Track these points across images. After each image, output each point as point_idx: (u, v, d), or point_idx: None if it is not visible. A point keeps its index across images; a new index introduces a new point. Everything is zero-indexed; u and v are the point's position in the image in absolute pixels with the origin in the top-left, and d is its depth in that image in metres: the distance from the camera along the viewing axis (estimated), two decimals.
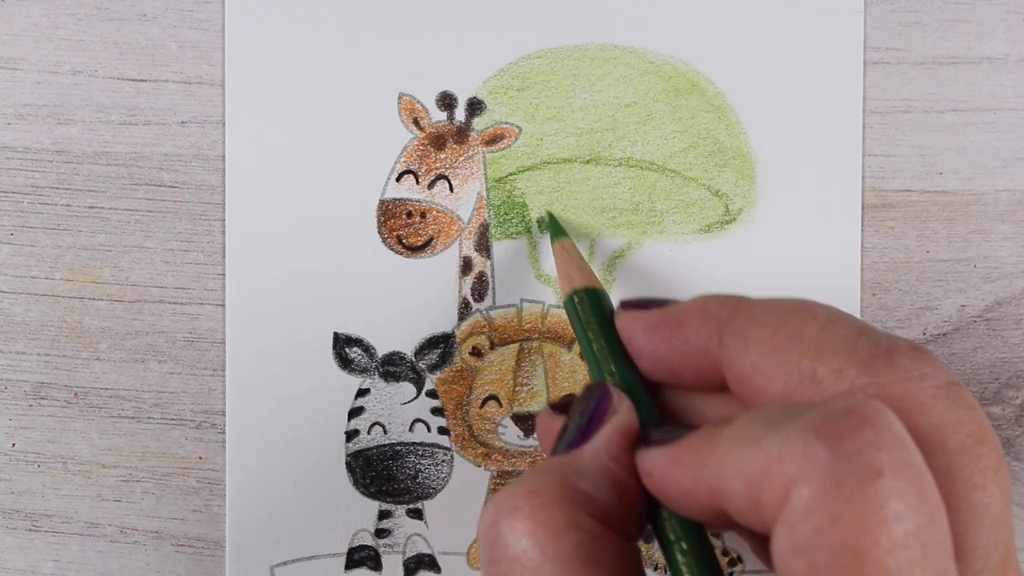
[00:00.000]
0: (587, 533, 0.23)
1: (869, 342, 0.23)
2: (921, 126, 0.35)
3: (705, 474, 0.22)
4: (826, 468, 0.20)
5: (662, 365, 0.27)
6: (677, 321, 0.27)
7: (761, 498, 0.21)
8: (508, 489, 0.24)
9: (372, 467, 0.35)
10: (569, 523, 0.23)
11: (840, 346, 0.23)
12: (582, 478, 0.24)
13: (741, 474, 0.21)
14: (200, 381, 0.35)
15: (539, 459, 0.35)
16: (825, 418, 0.21)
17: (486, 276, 0.35)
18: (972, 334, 0.35)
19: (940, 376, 0.23)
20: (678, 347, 0.27)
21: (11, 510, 0.35)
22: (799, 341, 0.24)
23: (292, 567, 0.34)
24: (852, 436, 0.20)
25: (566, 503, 0.23)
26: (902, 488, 0.20)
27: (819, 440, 0.20)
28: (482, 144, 0.35)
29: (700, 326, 0.26)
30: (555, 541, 0.23)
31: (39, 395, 0.35)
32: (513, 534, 0.23)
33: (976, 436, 0.22)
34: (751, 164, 0.35)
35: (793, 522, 0.20)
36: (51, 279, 0.35)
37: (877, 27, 0.35)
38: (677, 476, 0.23)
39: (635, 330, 0.28)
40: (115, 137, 0.35)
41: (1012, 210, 0.35)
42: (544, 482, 0.24)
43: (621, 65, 0.35)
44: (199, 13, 0.34)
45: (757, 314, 0.25)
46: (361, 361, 0.35)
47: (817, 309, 0.25)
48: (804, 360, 0.23)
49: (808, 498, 0.20)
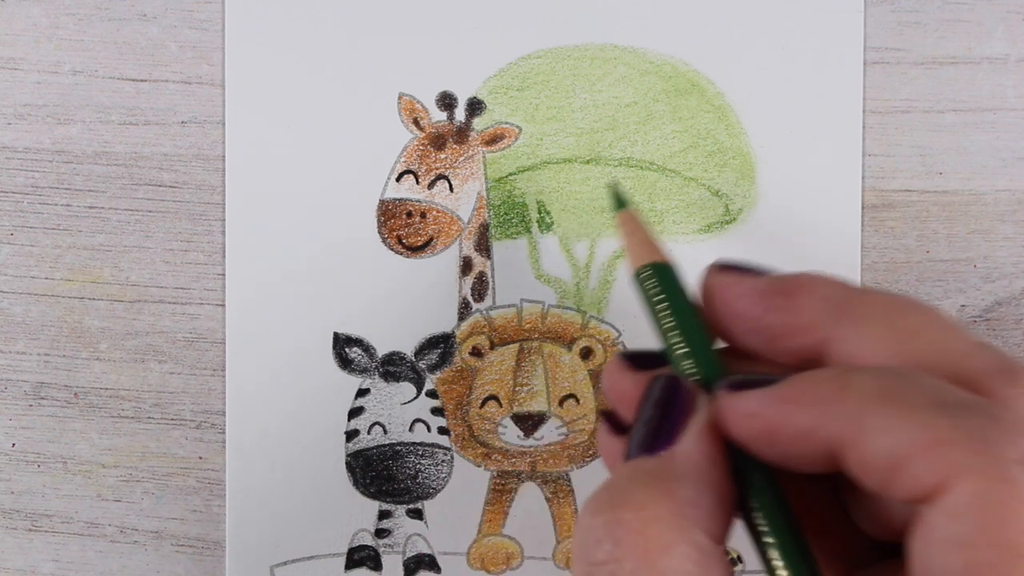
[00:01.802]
0: (696, 547, 0.22)
1: (990, 352, 0.23)
2: (921, 126, 0.35)
3: (830, 419, 0.22)
4: (1006, 467, 0.20)
5: (761, 335, 0.26)
6: (790, 290, 0.26)
7: (908, 469, 0.21)
8: (609, 499, 0.23)
9: (372, 467, 0.35)
10: (680, 538, 0.22)
11: (959, 350, 0.23)
12: (685, 486, 0.23)
13: (887, 436, 0.21)
14: (200, 381, 0.35)
15: (539, 459, 0.35)
16: (1008, 416, 0.21)
17: (486, 276, 0.35)
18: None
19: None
20: (786, 318, 0.25)
21: (11, 510, 0.35)
22: (917, 337, 0.23)
23: (292, 567, 0.34)
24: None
25: (676, 517, 0.22)
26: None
27: (1006, 437, 0.20)
28: (482, 144, 0.35)
29: (815, 300, 0.25)
30: (666, 557, 0.22)
31: (39, 395, 0.35)
32: (621, 550, 0.22)
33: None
34: (751, 164, 0.35)
35: (956, 512, 0.20)
36: (51, 279, 0.35)
37: (877, 27, 0.35)
38: (791, 417, 0.22)
39: (739, 293, 0.26)
40: (115, 137, 0.35)
41: (1012, 210, 0.35)
42: (651, 494, 0.23)
43: (621, 65, 0.35)
44: (199, 13, 0.34)
45: (876, 301, 0.24)
46: (361, 361, 0.35)
47: (936, 312, 0.25)
48: (923, 357, 0.23)
49: (980, 492, 0.20)
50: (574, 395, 0.35)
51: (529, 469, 0.35)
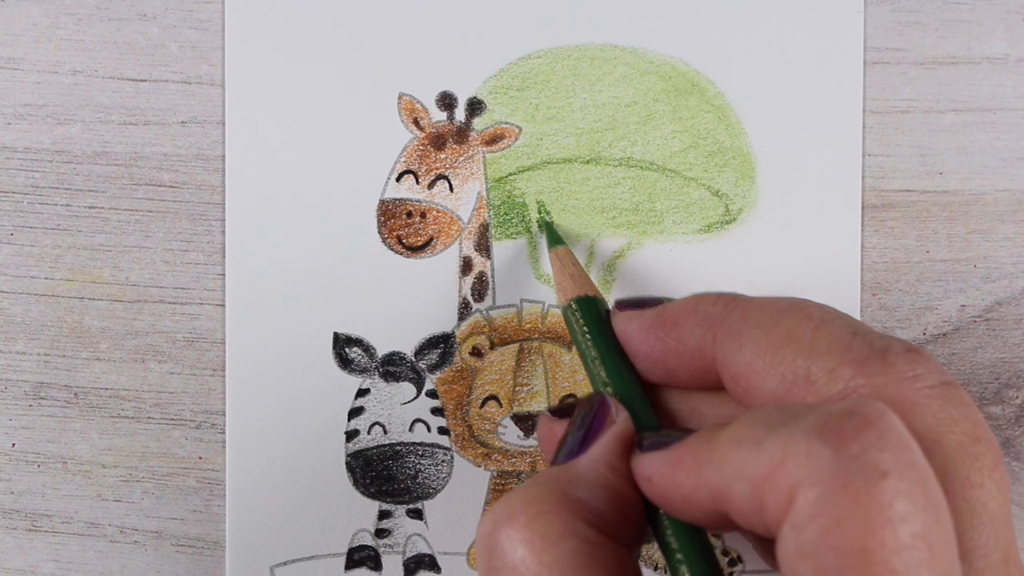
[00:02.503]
0: (584, 541, 0.23)
1: (863, 342, 0.23)
2: (921, 126, 0.35)
3: (705, 477, 0.22)
4: (831, 470, 0.20)
5: (658, 365, 0.27)
6: (671, 320, 0.27)
7: (764, 500, 0.21)
8: (505, 498, 0.24)
9: (372, 467, 0.35)
10: (566, 531, 0.23)
11: (834, 346, 0.23)
12: (580, 487, 0.24)
13: (742, 476, 0.21)
14: (200, 381, 0.35)
15: (539, 459, 0.35)
16: (828, 419, 0.21)
17: (486, 276, 0.35)
18: (972, 334, 0.35)
19: (935, 376, 0.23)
20: (673, 347, 0.27)
21: (11, 510, 0.35)
22: (793, 341, 0.24)
23: (292, 567, 0.34)
24: (856, 437, 0.20)
25: (563, 511, 0.23)
26: (907, 488, 0.20)
27: (823, 441, 0.20)
28: (482, 144, 0.35)
29: (694, 325, 0.26)
30: (552, 549, 0.22)
31: (39, 395, 0.35)
32: (510, 543, 0.23)
33: (972, 435, 0.22)
34: (751, 164, 0.35)
35: (799, 524, 0.20)
36: (51, 279, 0.35)
37: (877, 27, 0.35)
38: (676, 480, 0.23)
39: (631, 331, 0.28)
40: (115, 137, 0.35)
41: (1012, 210, 0.35)
42: (541, 491, 0.24)
43: (621, 65, 0.35)
44: (199, 13, 0.34)
45: (751, 313, 0.25)
46: (361, 361, 0.35)
47: (811, 308, 0.25)
48: (798, 360, 0.23)
49: (814, 500, 0.20)
50: (574, 395, 0.35)
51: (529, 469, 0.35)
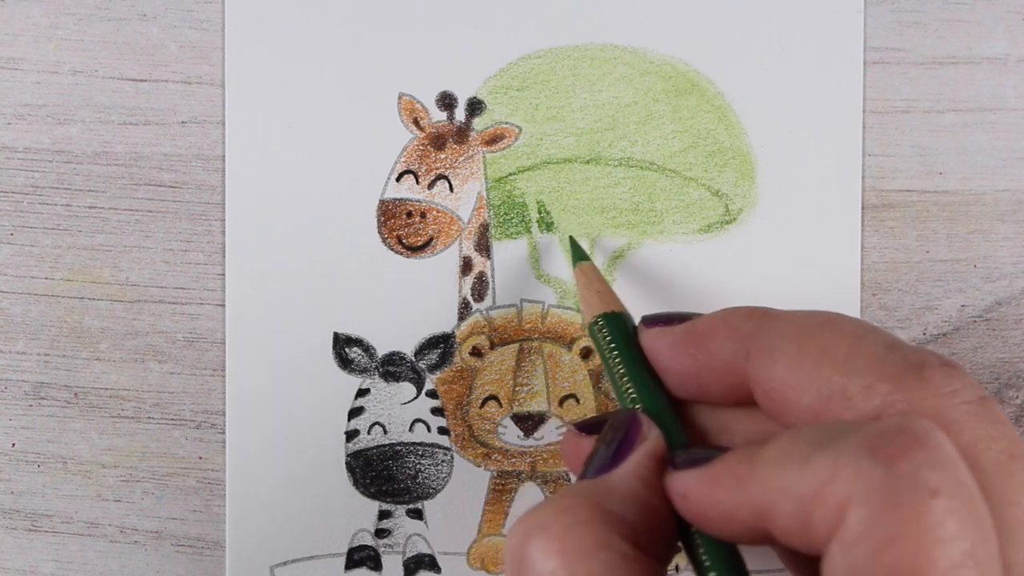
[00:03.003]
0: (618, 554, 0.22)
1: (899, 357, 0.23)
2: (921, 126, 0.35)
3: (747, 495, 0.22)
4: (882, 488, 0.20)
5: (689, 381, 0.27)
6: (701, 336, 0.26)
7: (812, 518, 0.21)
8: (538, 508, 0.23)
9: (372, 467, 0.35)
10: (601, 543, 0.22)
11: (870, 361, 0.23)
12: (614, 500, 0.24)
13: (789, 495, 0.21)
14: (200, 381, 0.35)
15: (539, 459, 0.35)
16: (878, 437, 0.21)
17: (486, 276, 0.35)
18: (972, 334, 0.35)
19: (971, 392, 0.23)
20: (704, 362, 0.26)
21: (11, 510, 0.35)
22: (828, 356, 0.24)
23: (292, 567, 0.34)
24: (907, 455, 0.20)
25: (597, 523, 0.23)
26: (957, 507, 0.20)
27: (874, 459, 0.20)
28: (482, 144, 0.35)
29: (725, 340, 0.26)
30: (586, 561, 0.22)
31: (39, 395, 0.35)
32: (542, 553, 0.22)
33: (1009, 452, 0.22)
34: (751, 164, 0.35)
35: (849, 543, 0.20)
36: (51, 279, 0.35)
37: (877, 27, 0.35)
38: (716, 498, 0.23)
39: (660, 347, 0.27)
40: (115, 137, 0.35)
41: (1012, 210, 0.35)
42: (575, 502, 0.23)
43: (621, 65, 0.35)
44: (199, 13, 0.34)
45: (784, 328, 0.25)
46: (361, 361, 0.35)
47: (845, 323, 0.24)
48: (834, 376, 0.23)
49: (865, 519, 0.20)
50: (574, 395, 0.35)
51: (529, 469, 0.35)
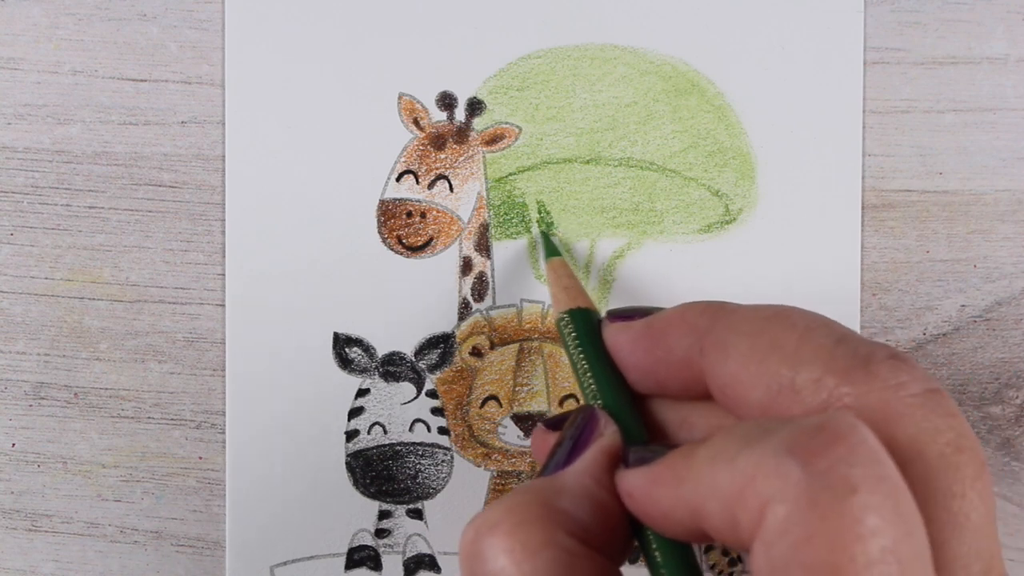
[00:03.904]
0: (565, 551, 0.23)
1: (847, 350, 0.23)
2: (921, 126, 0.35)
3: (682, 494, 0.22)
4: (800, 486, 0.20)
5: (648, 376, 0.27)
6: (659, 331, 0.27)
7: (737, 517, 0.21)
8: (488, 507, 0.24)
9: (372, 467, 0.35)
10: (547, 541, 0.23)
11: (818, 355, 0.23)
12: (564, 498, 0.24)
13: (716, 494, 0.21)
14: (200, 381, 0.35)
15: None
16: (797, 435, 0.20)
17: (486, 276, 0.35)
18: (972, 334, 0.35)
19: (919, 384, 0.23)
20: (661, 357, 0.26)
21: (11, 510, 0.35)
22: (777, 350, 0.24)
23: (292, 567, 0.34)
24: (825, 452, 0.20)
25: (545, 521, 0.23)
26: (877, 503, 0.20)
27: (792, 458, 0.20)
28: (482, 144, 0.35)
29: (681, 336, 0.26)
30: (532, 559, 0.22)
31: (39, 395, 0.35)
32: (491, 551, 0.23)
33: (955, 444, 0.22)
34: (751, 164, 0.35)
35: (769, 541, 0.20)
36: (51, 279, 0.35)
37: (877, 27, 0.35)
38: (656, 496, 0.23)
39: (620, 342, 0.28)
40: (115, 137, 0.35)
41: (1012, 210, 0.35)
42: (524, 500, 0.24)
43: (621, 65, 0.35)
44: (199, 13, 0.34)
45: (736, 322, 0.25)
46: (361, 361, 0.35)
47: (796, 316, 0.24)
48: (783, 369, 0.23)
49: (783, 517, 0.20)
50: (574, 395, 0.35)
51: (529, 469, 0.35)
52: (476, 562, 0.23)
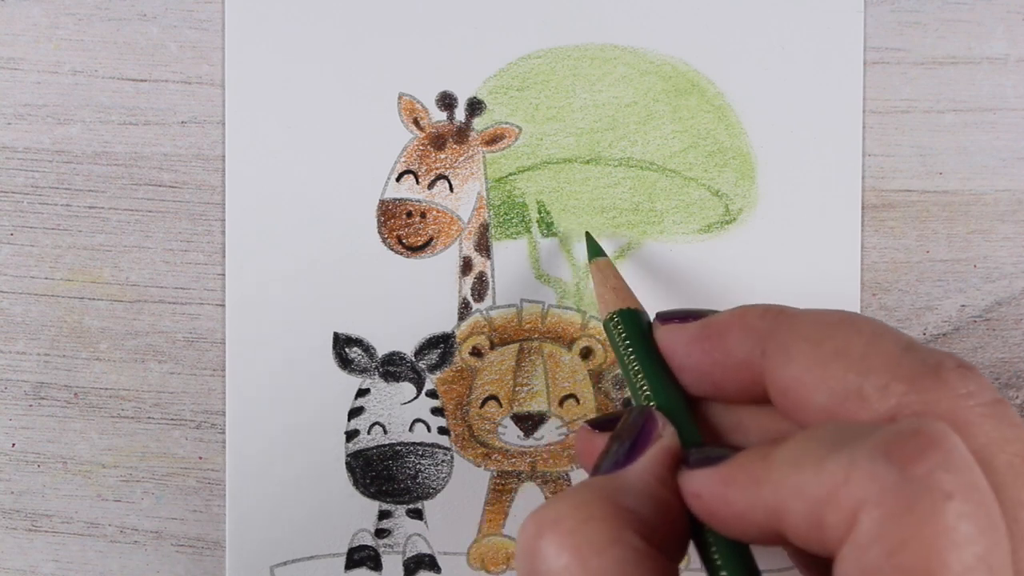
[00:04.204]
0: (632, 549, 0.22)
1: (915, 358, 0.23)
2: (921, 126, 0.35)
3: (761, 495, 0.22)
4: (896, 490, 0.20)
5: (704, 379, 0.27)
6: (717, 333, 0.26)
7: (825, 520, 0.21)
8: (550, 503, 0.23)
9: (372, 467, 0.35)
10: (614, 539, 0.22)
11: (886, 362, 0.23)
12: (628, 496, 0.24)
13: (802, 496, 0.21)
14: (200, 381, 0.35)
15: (539, 459, 0.35)
16: (893, 440, 0.20)
17: (486, 276, 0.35)
18: (972, 334, 0.35)
19: (987, 394, 0.23)
20: (719, 360, 0.26)
21: (11, 510, 0.35)
22: (843, 355, 0.23)
23: (292, 567, 0.34)
24: (921, 458, 0.20)
25: (611, 518, 0.23)
26: (971, 511, 0.20)
27: (888, 462, 0.20)
28: (482, 144, 0.35)
29: (741, 338, 0.26)
30: (598, 557, 0.22)
31: (39, 395, 0.35)
32: (555, 548, 0.22)
33: (1022, 455, 0.22)
34: (751, 164, 0.35)
35: (862, 545, 0.20)
36: (51, 279, 0.35)
37: (877, 27, 0.35)
38: (729, 497, 0.23)
39: (675, 344, 0.27)
40: (115, 137, 0.35)
41: (1012, 210, 0.35)
42: (589, 497, 0.23)
43: (621, 65, 0.35)
44: (199, 13, 0.34)
45: (800, 326, 0.25)
46: (361, 361, 0.35)
47: (861, 322, 0.24)
48: (849, 375, 0.23)
49: (878, 521, 0.20)
50: (574, 395, 0.35)
51: (529, 469, 0.35)
52: (537, 559, 0.23)
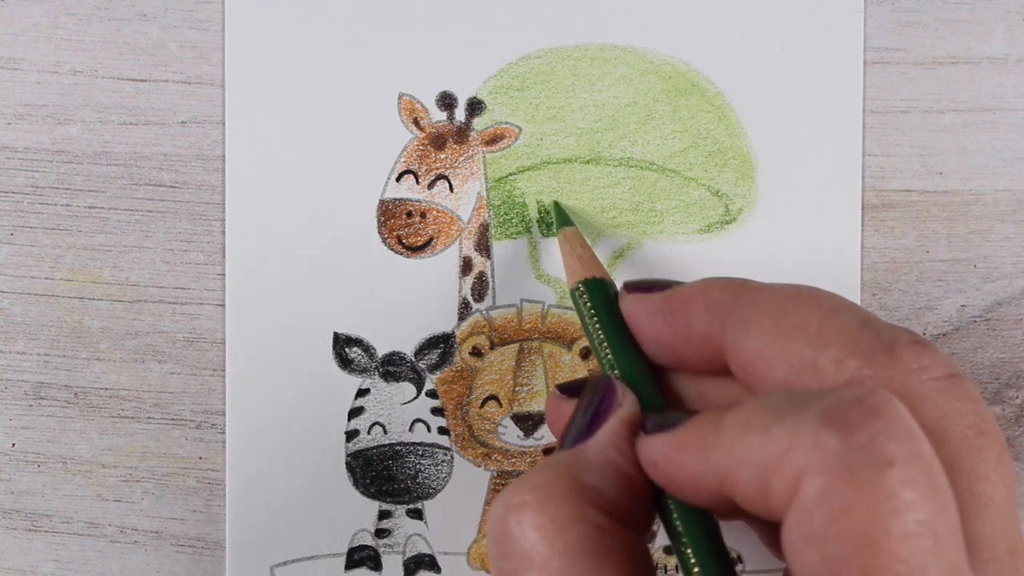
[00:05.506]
0: (594, 526, 0.23)
1: (871, 333, 0.23)
2: (921, 126, 0.35)
3: (711, 461, 0.22)
4: (838, 458, 0.20)
5: (667, 349, 0.27)
6: (679, 305, 0.27)
7: (770, 486, 0.21)
8: (514, 485, 0.24)
9: (372, 467, 0.35)
10: (576, 516, 0.23)
11: (842, 336, 0.23)
12: (588, 472, 0.24)
13: (749, 462, 0.21)
14: (200, 381, 0.35)
15: (539, 459, 0.35)
16: (835, 407, 0.21)
17: (486, 276, 0.35)
18: (972, 334, 0.35)
19: (941, 368, 0.23)
20: (680, 331, 0.26)
21: (11, 510, 0.35)
22: (801, 330, 0.24)
23: (292, 567, 0.34)
24: (863, 426, 0.20)
25: (573, 496, 0.23)
26: (913, 477, 0.20)
27: (830, 429, 0.20)
28: (482, 144, 0.35)
29: (702, 311, 0.26)
30: (563, 535, 0.23)
31: (39, 395, 0.35)
32: (521, 529, 0.23)
33: (977, 427, 0.22)
34: (751, 164, 0.35)
35: (805, 512, 0.20)
36: (51, 279, 0.35)
37: (877, 27, 0.35)
38: (682, 463, 0.23)
39: (638, 314, 0.28)
40: (115, 137, 0.35)
41: (1012, 210, 0.35)
42: (550, 477, 0.24)
43: (621, 65, 0.35)
44: (199, 13, 0.34)
45: (760, 301, 0.25)
46: (361, 361, 0.35)
47: (821, 297, 0.25)
48: (806, 349, 0.23)
49: (820, 488, 0.20)
50: None
51: (529, 469, 0.35)
52: (505, 540, 0.23)
